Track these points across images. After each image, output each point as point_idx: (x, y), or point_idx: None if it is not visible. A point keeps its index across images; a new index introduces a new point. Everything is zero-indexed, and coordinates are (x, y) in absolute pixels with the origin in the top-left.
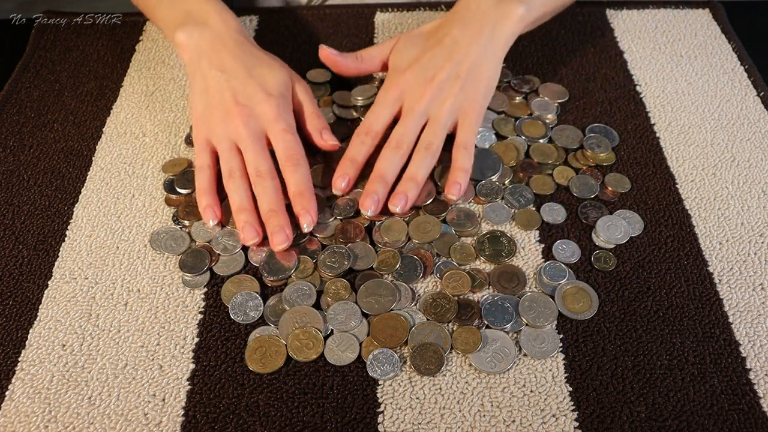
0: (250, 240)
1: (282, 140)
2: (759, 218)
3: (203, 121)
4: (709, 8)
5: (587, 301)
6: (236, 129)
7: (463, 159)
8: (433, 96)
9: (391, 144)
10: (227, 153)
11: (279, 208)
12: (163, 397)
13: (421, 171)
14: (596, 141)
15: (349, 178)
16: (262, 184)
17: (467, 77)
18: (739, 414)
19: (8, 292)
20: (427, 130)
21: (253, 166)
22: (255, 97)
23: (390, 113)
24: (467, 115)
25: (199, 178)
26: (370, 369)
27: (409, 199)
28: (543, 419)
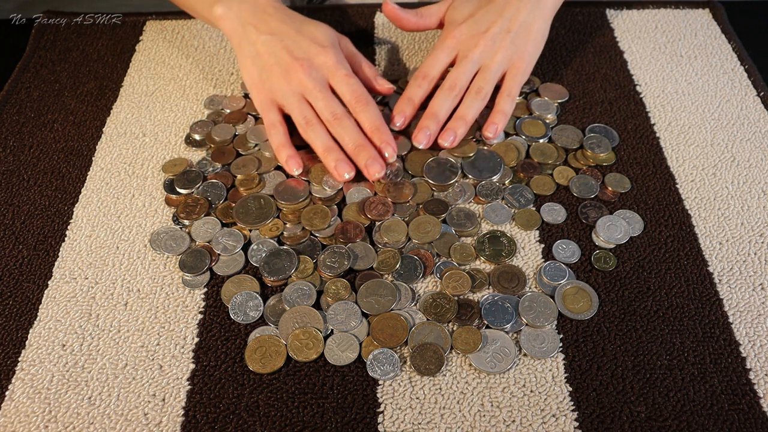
0: (346, 175)
1: (346, 84)
2: (759, 218)
3: (262, 83)
4: (709, 8)
5: (587, 301)
6: (300, 81)
7: (504, 103)
8: (486, 46)
9: (445, 86)
10: (298, 104)
11: (365, 142)
12: (163, 397)
13: (471, 112)
14: (596, 141)
15: (406, 116)
16: (341, 125)
17: (517, 32)
18: (739, 414)
19: (8, 292)
20: (478, 77)
21: (328, 110)
22: (311, 50)
23: (446, 60)
24: (515, 66)
25: (274, 134)
26: (370, 369)
27: (457, 136)
28: (543, 419)
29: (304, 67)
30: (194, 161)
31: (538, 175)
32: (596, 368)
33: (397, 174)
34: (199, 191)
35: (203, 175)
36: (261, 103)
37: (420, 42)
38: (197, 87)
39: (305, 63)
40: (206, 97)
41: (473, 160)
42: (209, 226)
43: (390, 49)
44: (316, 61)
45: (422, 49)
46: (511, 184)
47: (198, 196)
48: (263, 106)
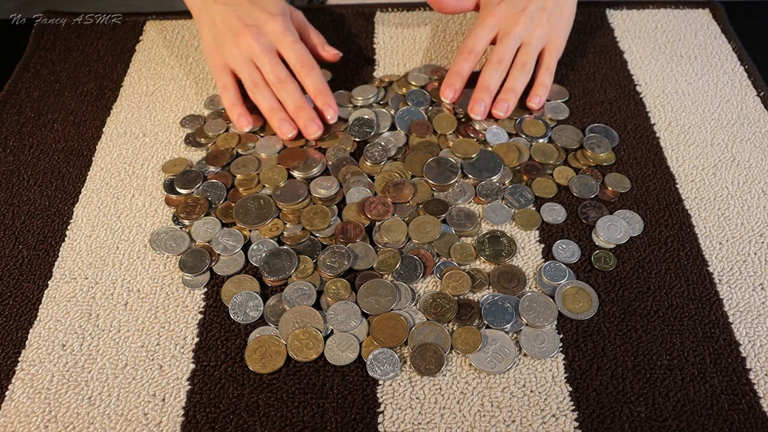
0: (288, 134)
1: (293, 49)
2: (759, 218)
3: (216, 48)
4: (709, 8)
5: (587, 301)
6: (249, 46)
7: (544, 77)
8: (526, 23)
9: (492, 60)
10: (246, 68)
11: (305, 104)
12: (163, 397)
13: (519, 84)
14: (596, 141)
15: (456, 89)
16: (284, 88)
17: (552, 10)
18: (739, 414)
19: (8, 292)
20: (521, 52)
21: (273, 74)
22: (261, 18)
23: (489, 36)
24: (552, 42)
25: (226, 96)
26: (370, 369)
27: (510, 105)
28: (543, 419)
29: (252, 33)
30: (194, 161)
31: (541, 177)
32: (596, 368)
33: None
34: (199, 191)
35: (203, 175)
36: (215, 68)
37: (420, 42)
38: (197, 87)
39: (254, 29)
40: (206, 97)
41: (474, 160)
42: (209, 226)
43: (390, 49)
44: (264, 28)
45: (422, 48)
46: (511, 184)
47: (198, 196)
48: (217, 70)
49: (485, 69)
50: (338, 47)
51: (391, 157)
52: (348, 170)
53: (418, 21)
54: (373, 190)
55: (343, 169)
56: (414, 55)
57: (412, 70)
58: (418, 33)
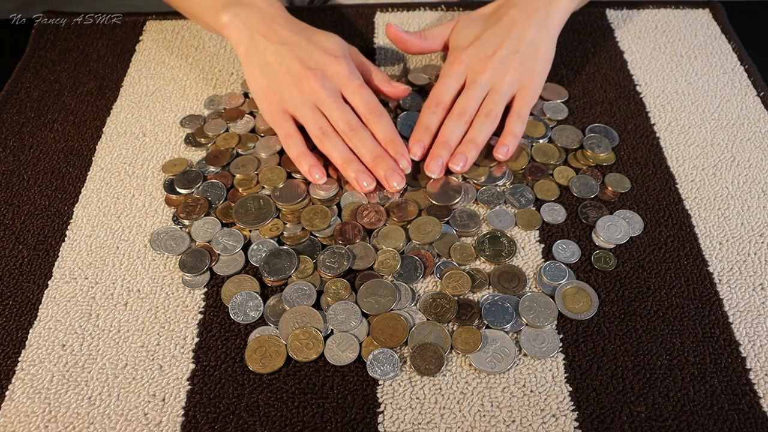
0: (368, 186)
1: (360, 95)
2: (759, 218)
3: (273, 93)
4: (709, 8)
5: (587, 301)
6: (313, 91)
7: (514, 125)
8: (494, 69)
9: (454, 113)
10: (312, 114)
11: (383, 153)
12: (163, 397)
13: (481, 135)
14: (596, 141)
15: (424, 144)
16: (358, 136)
17: (525, 53)
18: (739, 414)
19: (8, 292)
20: (487, 100)
21: (344, 121)
22: (323, 60)
23: (455, 85)
24: (525, 87)
25: (291, 145)
26: (370, 369)
27: (468, 159)
28: (543, 419)
29: (317, 77)
30: (194, 161)
31: (544, 178)
32: (596, 368)
33: None
34: (199, 191)
35: (203, 175)
36: (272, 114)
37: None
38: (197, 87)
39: (318, 73)
40: (206, 97)
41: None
42: (209, 226)
43: (390, 49)
44: (328, 71)
45: None
46: (512, 184)
47: (198, 196)
48: (275, 116)
49: (446, 122)
50: None
51: None
52: None
53: (418, 21)
54: (368, 199)
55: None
56: (414, 55)
57: (412, 70)
58: None
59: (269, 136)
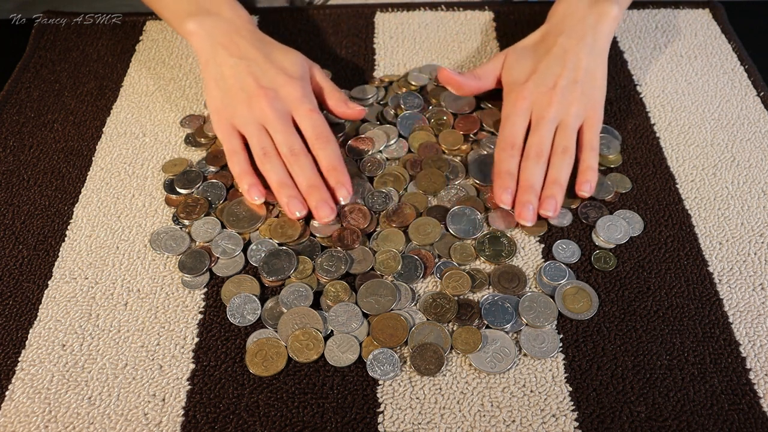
0: (297, 213)
1: (309, 119)
2: (759, 218)
3: (224, 107)
4: (709, 8)
5: (587, 301)
6: (263, 111)
7: (591, 159)
8: (559, 103)
9: (530, 155)
10: (257, 134)
11: (319, 183)
12: (163, 397)
13: (562, 174)
14: (606, 142)
15: (512, 190)
16: (297, 162)
17: (584, 80)
18: (739, 414)
19: (8, 292)
20: (559, 135)
21: (287, 145)
22: (277, 80)
23: (524, 123)
24: (590, 117)
25: (234, 162)
26: (370, 369)
27: (558, 202)
28: (543, 419)
29: (268, 97)
30: (194, 161)
31: None
32: (596, 368)
33: (357, 195)
34: (199, 191)
35: (203, 175)
36: (221, 128)
37: (420, 43)
38: (197, 87)
39: (270, 93)
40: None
41: (479, 163)
42: (209, 226)
43: (390, 50)
44: (281, 92)
45: (422, 48)
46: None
47: (198, 196)
48: (223, 130)
49: (524, 166)
50: (338, 47)
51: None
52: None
53: (418, 21)
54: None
55: None
56: (414, 55)
57: (412, 70)
58: (418, 33)
59: None
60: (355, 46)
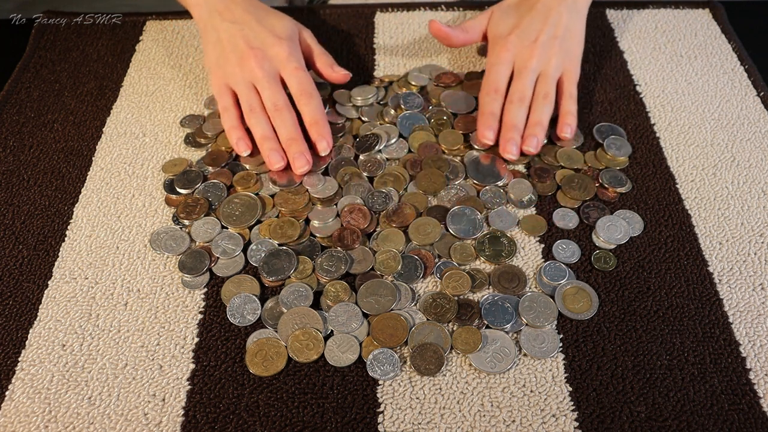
0: (276, 164)
1: (295, 77)
2: (759, 218)
3: (218, 68)
4: (709, 8)
5: (587, 301)
6: (252, 70)
7: (569, 104)
8: (540, 55)
9: (514, 99)
10: (246, 92)
11: (297, 136)
12: (163, 397)
13: (544, 116)
14: (617, 143)
15: (494, 129)
16: (280, 117)
17: (563, 37)
18: (739, 414)
19: (8, 292)
20: (540, 83)
21: (271, 101)
22: (267, 41)
23: (507, 72)
24: (568, 69)
25: (225, 117)
26: (370, 369)
27: (539, 140)
28: (543, 419)
29: (257, 57)
30: (194, 161)
31: (551, 180)
32: (596, 368)
33: (339, 152)
34: (199, 191)
35: (203, 175)
36: (216, 87)
37: (420, 42)
38: (197, 87)
39: (259, 53)
40: (206, 97)
41: (477, 164)
42: (209, 227)
43: (390, 49)
44: (269, 52)
45: (422, 48)
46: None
47: (198, 196)
48: (218, 89)
49: (508, 108)
50: (338, 47)
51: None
52: (347, 171)
53: (418, 21)
54: (345, 220)
55: (342, 170)
56: (414, 55)
57: (412, 70)
58: (418, 33)
59: None
60: (355, 46)
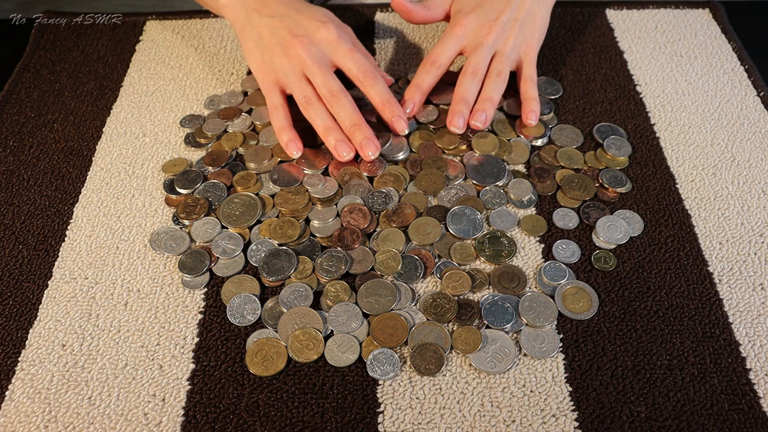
0: (345, 155)
1: (351, 58)
2: (759, 218)
3: (264, 64)
4: (709, 8)
5: (587, 301)
6: (299, 58)
7: (532, 90)
8: (498, 33)
9: (467, 72)
10: (297, 82)
11: (360, 121)
12: (163, 397)
13: (495, 93)
14: (618, 143)
15: (415, 102)
16: (338, 103)
17: (524, 20)
18: (739, 414)
19: (8, 292)
20: (495, 61)
21: (325, 87)
22: (311, 27)
23: (454, 48)
24: (527, 54)
25: (275, 117)
26: (370, 369)
27: (488, 116)
28: (543, 419)
29: (303, 44)
30: (194, 161)
31: (551, 180)
32: (596, 368)
33: (401, 149)
34: (199, 191)
35: (203, 175)
36: (265, 85)
37: (420, 42)
38: (197, 87)
39: (304, 39)
40: (206, 97)
41: (477, 165)
42: (209, 227)
43: (390, 49)
44: (316, 37)
45: (423, 49)
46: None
47: (198, 196)
48: (267, 87)
49: (460, 80)
50: None
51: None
52: (347, 171)
53: None
54: (369, 197)
55: (342, 170)
56: (414, 55)
57: (412, 69)
58: (418, 33)
59: None
60: None
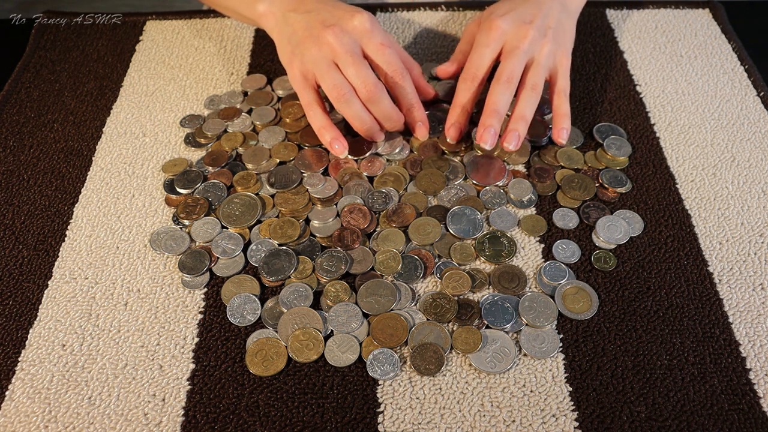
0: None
1: (381, 54)
2: (759, 218)
3: (294, 56)
4: (709, 8)
5: (587, 301)
6: (330, 46)
7: (564, 105)
8: (534, 37)
9: (501, 79)
10: (327, 71)
11: (397, 116)
12: (163, 397)
13: (528, 110)
14: (617, 143)
15: (461, 126)
16: (374, 100)
17: (556, 29)
18: (739, 414)
19: (8, 292)
20: (531, 72)
21: (359, 80)
22: (344, 17)
23: (492, 55)
24: (561, 64)
25: (312, 115)
26: (370, 369)
27: (520, 136)
28: (543, 419)
29: (334, 32)
30: (194, 161)
31: (550, 180)
32: (596, 368)
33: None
34: (199, 191)
35: (203, 175)
36: (295, 80)
37: (420, 42)
38: (197, 87)
39: (336, 28)
40: (206, 97)
41: (478, 165)
42: (209, 227)
43: None
44: (347, 25)
45: (422, 48)
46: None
47: (198, 196)
48: (297, 83)
49: (494, 87)
50: None
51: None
52: (347, 171)
53: (418, 21)
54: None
55: (342, 170)
56: (414, 55)
57: (424, 67)
58: (418, 33)
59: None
60: None
